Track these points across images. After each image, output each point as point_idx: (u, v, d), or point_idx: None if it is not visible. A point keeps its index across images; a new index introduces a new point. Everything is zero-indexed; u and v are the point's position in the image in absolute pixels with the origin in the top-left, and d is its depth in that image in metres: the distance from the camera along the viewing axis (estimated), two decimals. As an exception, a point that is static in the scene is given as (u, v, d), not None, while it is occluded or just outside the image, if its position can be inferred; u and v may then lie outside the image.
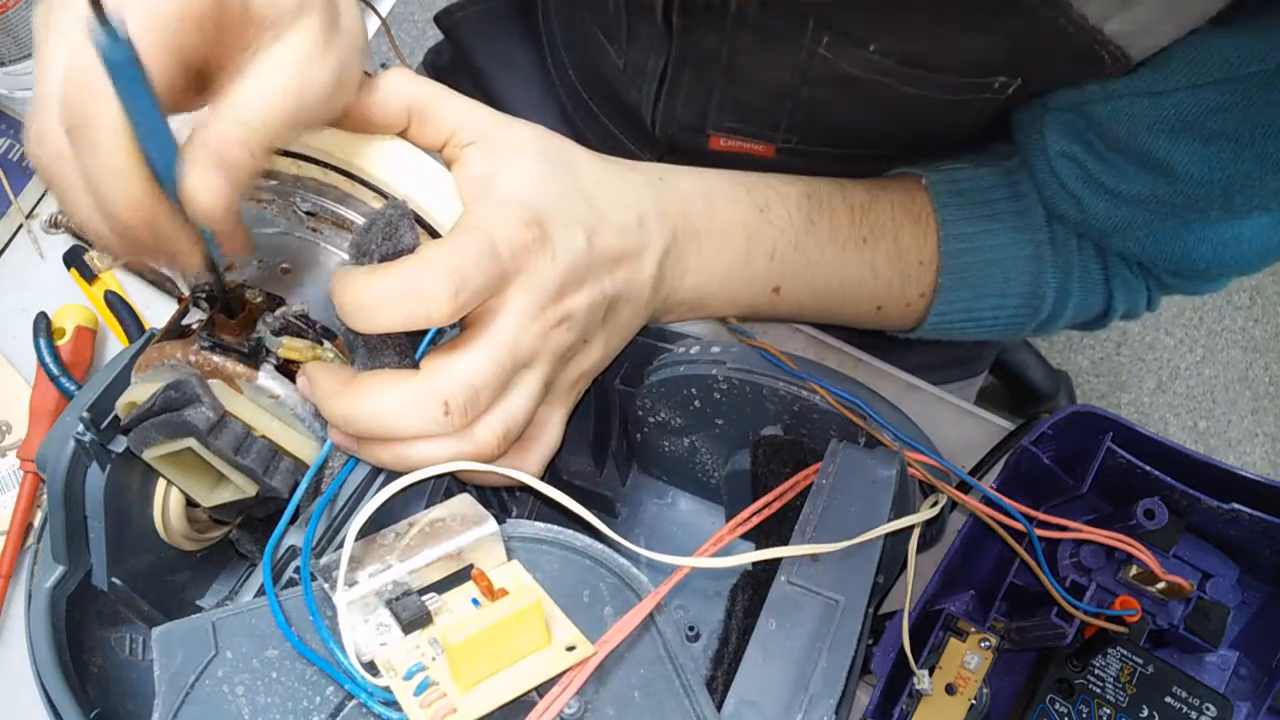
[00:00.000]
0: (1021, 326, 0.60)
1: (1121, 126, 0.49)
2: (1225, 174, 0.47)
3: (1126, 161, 0.50)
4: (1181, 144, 0.47)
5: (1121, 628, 0.44)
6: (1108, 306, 0.59)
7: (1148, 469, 0.44)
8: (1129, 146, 0.49)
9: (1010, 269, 0.56)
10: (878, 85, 0.52)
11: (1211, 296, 1.62)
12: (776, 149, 0.62)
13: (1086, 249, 0.57)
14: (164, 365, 0.41)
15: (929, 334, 0.60)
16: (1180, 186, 0.49)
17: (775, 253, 0.53)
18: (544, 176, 0.43)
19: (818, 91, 0.56)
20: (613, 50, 0.65)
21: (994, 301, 0.57)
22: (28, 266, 0.66)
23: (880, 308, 0.58)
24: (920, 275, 0.57)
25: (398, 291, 0.37)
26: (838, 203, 0.55)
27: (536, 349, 0.41)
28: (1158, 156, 0.48)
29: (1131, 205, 0.51)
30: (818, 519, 0.40)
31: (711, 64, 0.58)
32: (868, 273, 0.56)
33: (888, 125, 0.58)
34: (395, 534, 0.37)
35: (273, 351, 0.41)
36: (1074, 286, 0.57)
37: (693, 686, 0.35)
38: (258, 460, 0.40)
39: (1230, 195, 0.48)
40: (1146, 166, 0.49)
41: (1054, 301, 0.58)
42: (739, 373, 0.46)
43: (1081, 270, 0.57)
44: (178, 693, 0.35)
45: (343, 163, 0.42)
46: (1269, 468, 1.53)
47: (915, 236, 0.56)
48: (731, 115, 0.61)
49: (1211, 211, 0.50)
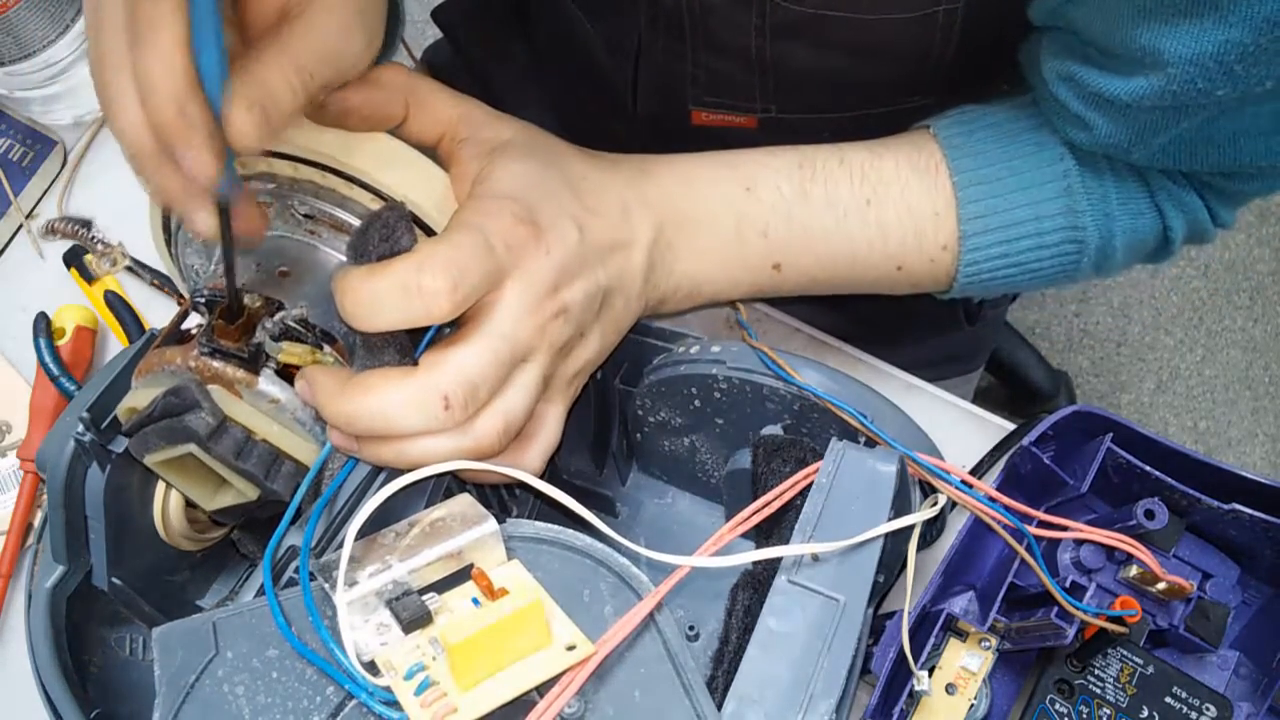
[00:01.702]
0: (1075, 266, 0.55)
1: (1099, 25, 0.46)
2: (1215, 46, 0.44)
3: (1120, 63, 0.47)
4: (1161, 24, 0.44)
5: (1121, 628, 0.44)
6: (1164, 226, 0.55)
7: (1148, 469, 0.44)
8: (1114, 45, 0.46)
9: (1039, 203, 0.53)
10: (834, 22, 0.52)
11: (1211, 296, 1.62)
12: (758, 119, 0.62)
13: (1120, 169, 0.53)
14: (163, 371, 0.41)
15: (971, 289, 0.56)
16: (1173, 71, 0.45)
17: (769, 230, 0.52)
18: (535, 172, 0.43)
19: (780, 45, 0.55)
20: (593, 29, 0.65)
21: (1030, 241, 0.54)
22: (28, 266, 0.66)
23: (901, 267, 0.55)
24: (938, 227, 0.54)
25: (397, 289, 0.37)
26: (834, 167, 0.54)
27: (534, 343, 0.41)
28: (1141, 45, 0.45)
29: (1135, 111, 0.48)
30: (818, 518, 0.40)
31: (678, 29, 0.58)
32: (876, 235, 0.54)
33: (858, 70, 0.56)
34: (395, 533, 0.37)
35: (272, 356, 0.41)
36: (1115, 210, 0.53)
37: (693, 686, 0.35)
38: (259, 465, 0.40)
39: (1229, 69, 0.44)
40: (1137, 60, 0.46)
41: (1099, 231, 0.54)
42: (739, 372, 0.46)
43: (1120, 192, 0.53)
44: (178, 693, 0.35)
45: (340, 165, 0.42)
46: (1269, 468, 1.53)
47: (925, 187, 0.54)
48: (707, 87, 0.61)
49: (1219, 94, 0.46)
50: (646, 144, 0.70)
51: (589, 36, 0.66)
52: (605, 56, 0.66)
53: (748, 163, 0.53)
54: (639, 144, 0.70)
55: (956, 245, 0.54)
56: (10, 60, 0.64)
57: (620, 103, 0.68)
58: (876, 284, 0.56)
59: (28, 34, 0.63)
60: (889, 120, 0.58)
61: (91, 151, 0.69)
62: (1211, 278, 1.63)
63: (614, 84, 0.67)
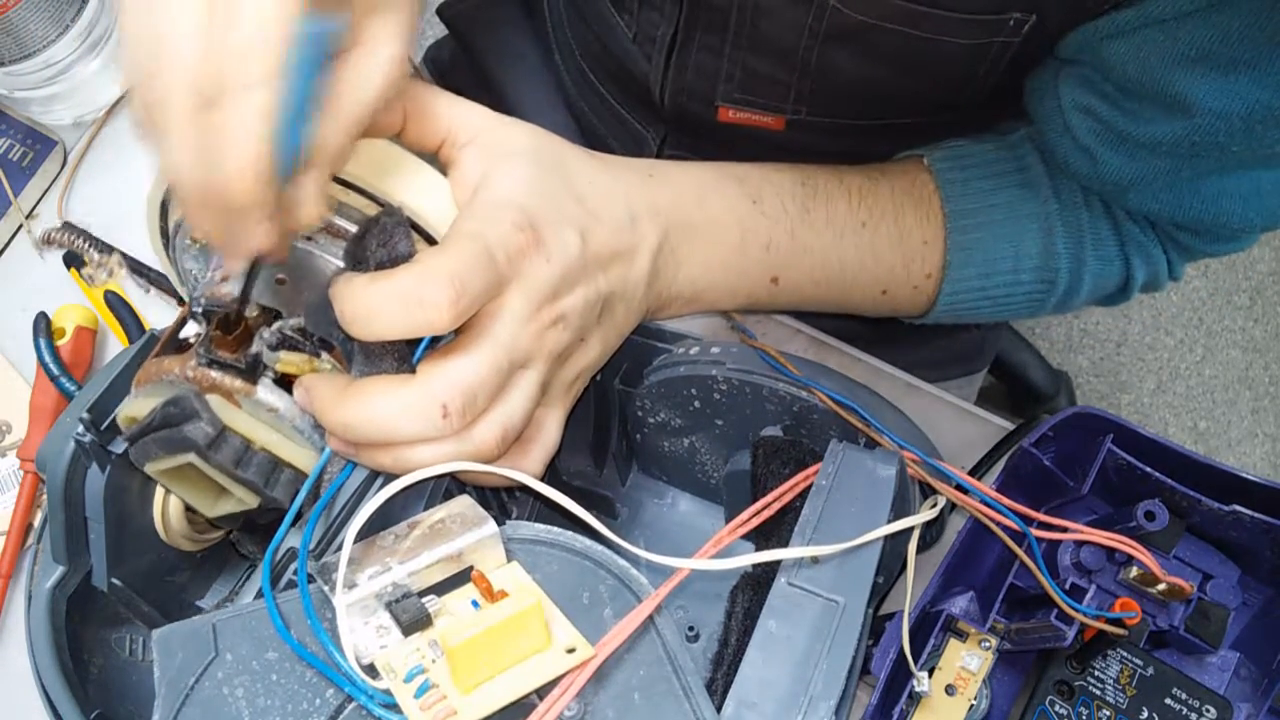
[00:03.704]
0: (1040, 304, 0.58)
1: (1135, 65, 0.47)
2: (1245, 105, 0.45)
3: (1143, 105, 0.48)
4: (1197, 75, 0.45)
5: (1121, 630, 0.44)
6: (1127, 275, 0.58)
7: (1148, 470, 0.44)
8: (1144, 87, 0.47)
9: (1020, 242, 0.55)
10: (890, 35, 0.52)
11: (1211, 296, 1.62)
12: (786, 120, 0.62)
13: (1098, 216, 0.55)
14: (162, 380, 0.41)
15: (944, 317, 0.59)
16: (1199, 122, 0.46)
17: (771, 243, 0.52)
18: (536, 178, 0.43)
19: (828, 50, 0.55)
20: (622, 21, 0.65)
21: (1007, 278, 0.56)
22: (28, 266, 0.66)
23: (886, 291, 0.57)
24: (925, 255, 0.56)
25: (399, 299, 0.37)
26: (835, 188, 0.55)
27: (533, 350, 0.41)
28: (1174, 91, 0.46)
29: (1149, 153, 0.50)
30: (818, 520, 0.40)
31: (721, 26, 0.58)
32: (868, 257, 0.55)
33: (900, 82, 0.57)
34: (395, 536, 0.37)
35: (270, 366, 0.41)
36: (1088, 255, 0.56)
37: (692, 688, 0.35)
38: (258, 473, 0.40)
39: (1251, 128, 0.46)
40: (1164, 105, 0.47)
41: (1069, 274, 0.56)
42: (739, 373, 0.46)
43: (1094, 238, 0.56)
44: (178, 694, 0.35)
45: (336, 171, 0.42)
46: (1269, 468, 1.53)
47: (918, 216, 0.55)
48: (741, 85, 0.61)
49: (1233, 148, 0.47)
50: (667, 139, 0.70)
51: (616, 27, 0.66)
52: (633, 48, 0.65)
53: (755, 177, 0.53)
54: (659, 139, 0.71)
55: (940, 274, 0.56)
56: (10, 60, 0.64)
57: (645, 97, 0.67)
58: (860, 305, 0.59)
59: (28, 34, 0.63)
60: (912, 131, 0.59)
61: (91, 152, 0.69)
62: (1211, 278, 1.63)
63: (638, 76, 0.66)
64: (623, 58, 0.67)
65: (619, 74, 0.70)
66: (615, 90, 0.72)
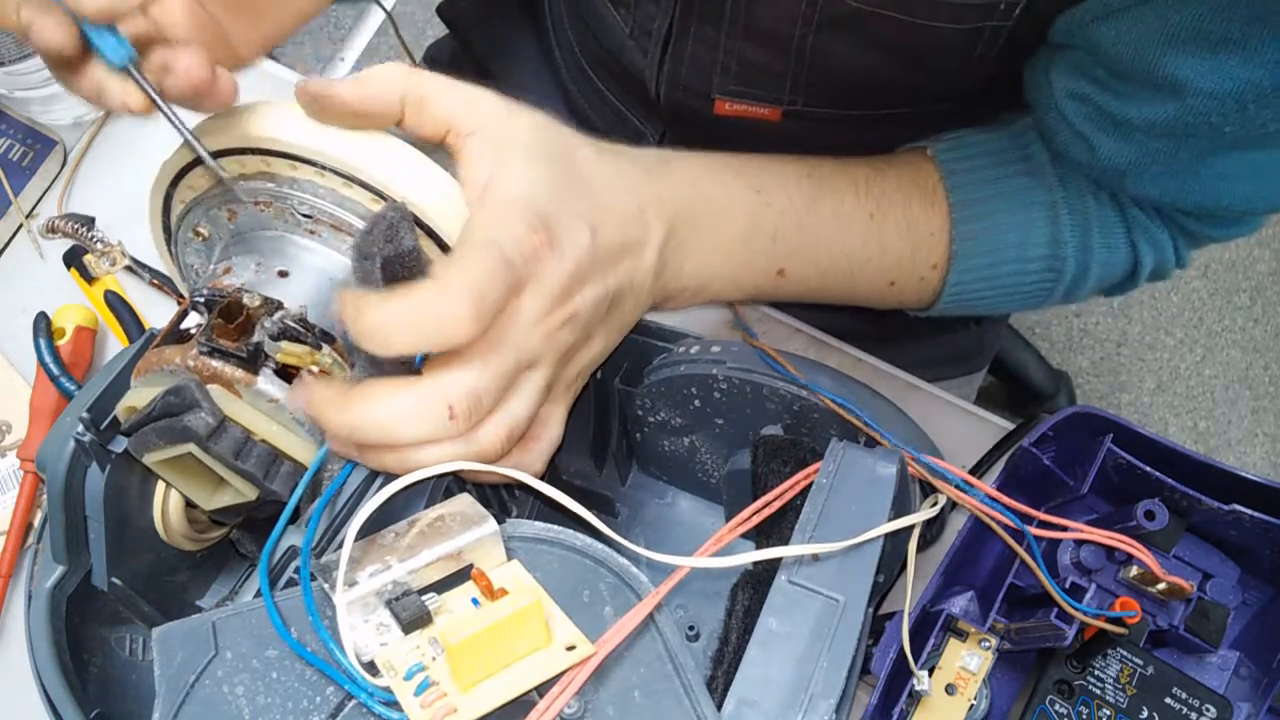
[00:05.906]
0: (1048, 293, 0.58)
1: (1126, 47, 0.47)
2: (1236, 84, 0.45)
3: (1135, 87, 0.48)
4: (1188, 55, 0.45)
5: (1121, 629, 0.44)
6: (1134, 263, 0.57)
7: (1148, 470, 0.44)
8: (1135, 69, 0.47)
9: (1026, 231, 0.55)
10: (884, 21, 0.52)
11: (1211, 296, 1.62)
12: (783, 111, 0.62)
13: (1104, 203, 0.55)
14: (163, 370, 0.41)
15: (950, 308, 0.58)
16: (1191, 103, 0.46)
17: (777, 234, 0.52)
18: (545, 171, 0.42)
19: (823, 38, 0.55)
20: (619, 16, 0.65)
21: (1013, 266, 0.56)
22: (28, 266, 0.66)
23: (893, 283, 0.57)
24: (932, 246, 0.56)
25: (418, 317, 0.36)
26: (841, 180, 0.54)
27: (541, 350, 0.41)
28: (1165, 72, 0.46)
29: (1144, 136, 0.50)
30: (818, 518, 0.40)
31: (717, 16, 0.58)
32: (875, 248, 0.55)
33: (895, 70, 0.57)
34: (395, 534, 0.37)
35: (271, 356, 0.41)
36: (1095, 243, 0.55)
37: (693, 686, 0.35)
38: (258, 464, 0.40)
39: (1244, 107, 0.45)
40: (1155, 86, 0.47)
41: (1076, 261, 0.56)
42: (739, 372, 0.46)
43: (1101, 225, 0.55)
44: (178, 693, 0.35)
45: (339, 164, 0.42)
46: (1269, 468, 1.53)
47: (924, 207, 0.55)
48: (737, 76, 0.61)
49: (1226, 129, 0.47)
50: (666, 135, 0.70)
51: (612, 23, 0.66)
52: (630, 43, 0.65)
53: (760, 168, 0.53)
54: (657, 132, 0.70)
55: (946, 265, 0.56)
56: (10, 60, 0.64)
57: (643, 94, 0.67)
58: (867, 297, 0.58)
59: (28, 34, 0.63)
60: (910, 121, 0.59)
61: (91, 151, 0.69)
62: (1211, 278, 1.63)
63: (635, 71, 0.66)
64: (619, 54, 0.67)
65: (617, 71, 0.70)
66: (614, 87, 0.72)
